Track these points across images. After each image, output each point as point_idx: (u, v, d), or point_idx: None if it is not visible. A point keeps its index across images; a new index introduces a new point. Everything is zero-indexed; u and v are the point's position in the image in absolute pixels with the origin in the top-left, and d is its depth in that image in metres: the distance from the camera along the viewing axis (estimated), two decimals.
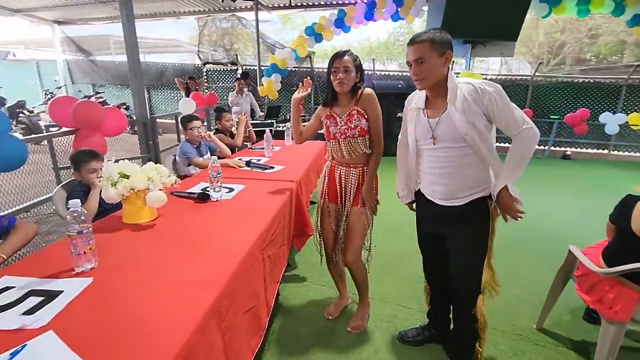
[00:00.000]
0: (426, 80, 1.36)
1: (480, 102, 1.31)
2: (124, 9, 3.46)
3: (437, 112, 1.40)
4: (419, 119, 1.47)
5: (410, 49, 1.36)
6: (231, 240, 1.38)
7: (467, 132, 1.32)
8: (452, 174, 1.42)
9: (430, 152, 1.45)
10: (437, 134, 1.40)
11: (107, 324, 0.88)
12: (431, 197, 1.52)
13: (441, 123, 1.38)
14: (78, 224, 1.10)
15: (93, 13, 8.73)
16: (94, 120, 2.55)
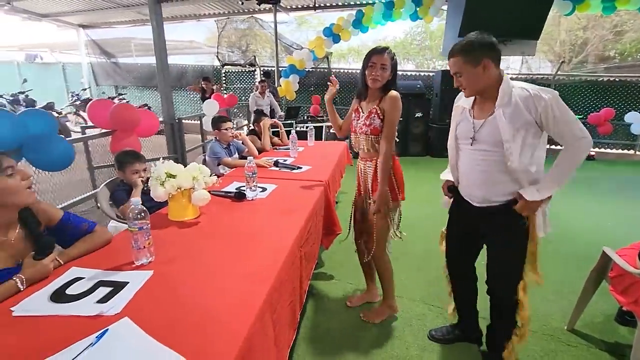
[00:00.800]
0: (468, 89, 1.39)
1: (534, 110, 1.27)
2: (154, 14, 3.59)
3: (483, 114, 1.40)
4: (464, 118, 1.48)
5: (449, 63, 1.40)
6: (273, 238, 1.45)
7: (508, 140, 1.30)
8: (487, 179, 1.42)
9: (468, 152, 1.47)
10: (478, 136, 1.40)
11: (175, 312, 0.95)
12: (468, 199, 1.54)
13: (485, 126, 1.38)
14: (139, 220, 1.17)
15: (116, 17, 9.00)
16: (130, 121, 2.66)
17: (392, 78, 1.79)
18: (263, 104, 6.45)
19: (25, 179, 1.13)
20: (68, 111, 8.57)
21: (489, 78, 1.34)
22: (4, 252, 1.11)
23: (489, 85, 1.36)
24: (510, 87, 1.32)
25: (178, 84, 9.79)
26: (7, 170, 1.08)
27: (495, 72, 1.34)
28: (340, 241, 2.19)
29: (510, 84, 1.33)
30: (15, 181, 1.10)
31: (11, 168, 1.09)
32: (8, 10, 7.71)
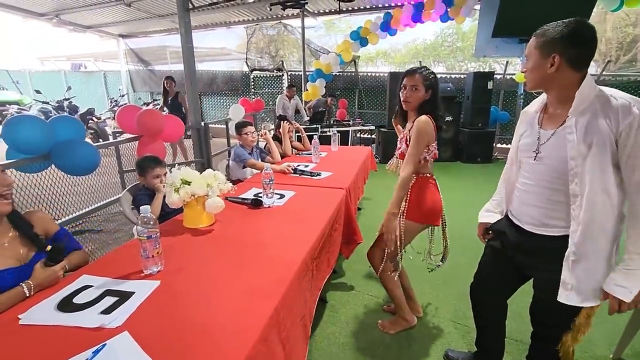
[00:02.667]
0: (528, 81, 1.16)
1: (615, 123, 1.00)
2: (182, 22, 3.68)
3: (554, 123, 1.15)
4: (531, 126, 1.23)
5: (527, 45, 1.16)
6: (286, 249, 1.39)
7: (574, 157, 1.05)
8: (550, 197, 1.16)
9: (530, 166, 1.21)
10: (543, 149, 1.16)
11: (174, 328, 0.91)
12: (518, 221, 1.28)
13: (553, 138, 1.13)
14: (147, 229, 1.16)
15: (152, 26, 9.42)
16: (155, 127, 2.72)
17: (431, 98, 1.68)
18: (289, 107, 6.63)
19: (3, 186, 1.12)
20: (107, 116, 9.05)
21: (560, 79, 1.08)
22: (2, 255, 1.13)
23: (558, 86, 1.11)
24: (591, 92, 1.05)
25: (209, 89, 10.08)
26: None
27: (571, 73, 1.06)
28: None
29: (593, 89, 1.06)
30: None
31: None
32: (56, 23, 8.28)
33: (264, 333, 0.91)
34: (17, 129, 1.79)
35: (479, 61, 11.08)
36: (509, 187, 1.37)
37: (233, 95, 9.96)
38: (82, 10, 7.57)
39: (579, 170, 1.05)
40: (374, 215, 3.81)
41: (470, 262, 1.66)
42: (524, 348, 1.78)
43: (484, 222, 1.49)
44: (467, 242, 1.64)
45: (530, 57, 1.12)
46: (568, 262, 1.10)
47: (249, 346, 0.84)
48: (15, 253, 1.17)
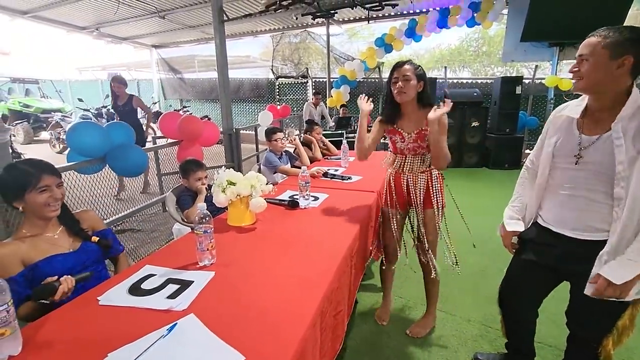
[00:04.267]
0: (583, 80, 1.13)
1: None
2: (218, 33, 3.88)
3: (597, 129, 1.15)
4: (568, 131, 1.23)
5: (583, 42, 1.14)
6: (327, 246, 1.47)
7: (622, 161, 1.07)
8: (591, 202, 1.17)
9: (568, 172, 1.22)
10: (585, 154, 1.16)
11: (235, 311, 1.01)
12: (556, 228, 1.27)
13: (599, 143, 1.14)
14: (203, 224, 1.27)
15: (183, 36, 9.86)
16: (195, 132, 2.89)
17: (424, 89, 1.74)
18: (315, 113, 6.79)
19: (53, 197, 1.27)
20: None
21: (618, 82, 1.09)
22: (53, 244, 1.29)
23: (612, 90, 1.11)
24: (639, 99, 1.09)
25: (235, 96, 10.41)
26: (42, 188, 1.24)
27: (628, 78, 1.08)
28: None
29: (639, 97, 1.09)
30: (42, 198, 1.24)
31: (47, 186, 1.25)
32: (96, 36, 8.84)
33: (314, 320, 1.00)
34: (79, 134, 1.98)
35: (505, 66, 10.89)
36: (539, 193, 1.35)
37: (259, 102, 10.24)
38: (120, 24, 8.04)
39: (625, 174, 1.07)
40: None
41: (499, 266, 1.69)
42: (557, 353, 1.79)
43: (514, 229, 1.43)
44: (495, 246, 1.66)
45: (594, 56, 1.09)
46: (601, 260, 1.13)
47: (303, 330, 0.93)
48: (65, 242, 1.33)
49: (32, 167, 1.26)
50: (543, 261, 1.34)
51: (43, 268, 1.19)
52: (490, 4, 5.78)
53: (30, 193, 1.23)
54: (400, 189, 1.89)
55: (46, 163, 1.33)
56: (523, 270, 1.45)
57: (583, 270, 1.18)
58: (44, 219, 1.29)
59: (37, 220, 1.28)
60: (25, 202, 1.23)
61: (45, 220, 1.29)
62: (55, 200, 1.28)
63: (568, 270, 1.28)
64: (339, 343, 1.38)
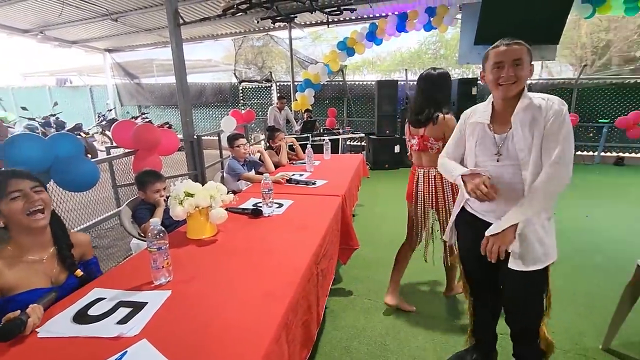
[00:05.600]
0: (518, 84, 1.25)
1: (545, 117, 1.23)
2: (174, 37, 3.73)
3: (505, 127, 1.31)
4: (484, 134, 1.37)
5: (506, 50, 1.25)
6: (290, 255, 1.44)
7: (522, 149, 1.26)
8: (510, 192, 1.31)
9: (493, 169, 1.35)
10: (503, 150, 1.31)
11: (192, 333, 0.95)
12: (484, 216, 1.42)
13: (509, 139, 1.30)
14: (157, 240, 1.20)
15: (139, 40, 9.43)
16: (151, 141, 2.75)
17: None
18: (280, 117, 6.73)
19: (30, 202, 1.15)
20: (95, 131, 8.97)
21: (524, 85, 1.27)
22: (37, 271, 1.17)
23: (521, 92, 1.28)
24: (528, 96, 1.28)
25: (197, 102, 10.11)
26: (12, 194, 1.13)
27: None
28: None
29: (528, 95, 1.29)
30: (17, 205, 1.13)
31: (18, 191, 1.14)
32: (41, 39, 8.22)
33: (277, 333, 0.96)
34: (18, 146, 1.81)
35: (462, 68, 11.40)
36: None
37: (222, 107, 10.01)
38: (68, 26, 7.55)
39: (527, 159, 1.26)
40: (368, 221, 3.89)
41: None
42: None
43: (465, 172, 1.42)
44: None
45: (524, 62, 1.24)
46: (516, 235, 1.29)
47: (265, 345, 0.89)
48: (49, 272, 1.21)
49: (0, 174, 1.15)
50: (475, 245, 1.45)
51: (20, 302, 1.05)
52: (445, 9, 6.03)
53: (2, 202, 1.11)
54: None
55: (16, 169, 1.20)
56: (470, 259, 1.59)
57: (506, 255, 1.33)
58: (32, 234, 1.17)
59: (25, 236, 1.17)
60: (3, 215, 1.12)
61: (33, 236, 1.18)
62: (34, 205, 1.15)
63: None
64: (307, 352, 1.36)
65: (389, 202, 4.62)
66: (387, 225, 3.73)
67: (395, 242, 3.28)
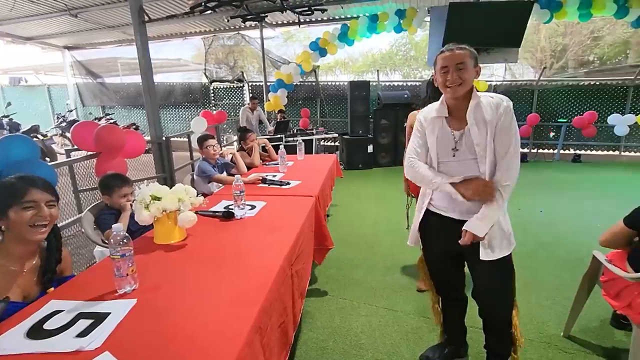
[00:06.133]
0: (463, 86, 1.34)
1: (496, 113, 1.33)
2: (138, 35, 3.59)
3: (461, 124, 1.40)
4: (442, 131, 1.44)
5: (450, 55, 1.34)
6: (262, 257, 1.41)
7: (479, 143, 1.34)
8: None
9: (451, 164, 1.43)
10: (459, 146, 1.39)
11: (159, 343, 0.91)
12: (447, 213, 1.48)
13: (465, 136, 1.38)
14: (121, 247, 1.14)
15: (101, 37, 9.00)
16: (115, 143, 2.62)
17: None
18: (252, 118, 6.63)
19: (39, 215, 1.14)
20: (54, 133, 8.47)
21: (472, 84, 1.38)
22: (14, 283, 1.12)
23: (470, 91, 1.38)
24: (478, 96, 1.38)
25: (166, 102, 9.79)
26: (27, 204, 1.12)
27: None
28: None
29: (477, 94, 1.38)
30: (27, 216, 1.11)
31: (33, 202, 1.12)
32: None
33: (249, 338, 0.94)
34: None
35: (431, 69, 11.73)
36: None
37: (193, 107, 9.75)
38: (22, 22, 7.08)
39: (484, 153, 1.35)
40: (342, 221, 3.91)
41: None
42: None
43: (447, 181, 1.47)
44: None
45: (467, 65, 1.33)
46: None
47: (237, 350, 0.86)
48: (26, 285, 1.16)
49: (21, 180, 1.12)
50: (441, 245, 1.56)
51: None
52: (414, 12, 6.18)
53: (14, 209, 1.07)
54: None
55: (39, 177, 1.16)
56: (436, 260, 1.66)
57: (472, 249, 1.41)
58: (26, 243, 1.12)
59: (15, 245, 1.12)
60: (9, 220, 1.08)
61: (26, 246, 1.13)
62: (42, 220, 1.12)
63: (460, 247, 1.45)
64: (285, 354, 1.34)
65: (363, 201, 4.67)
66: (361, 225, 3.76)
67: (369, 241, 3.34)
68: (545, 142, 7.87)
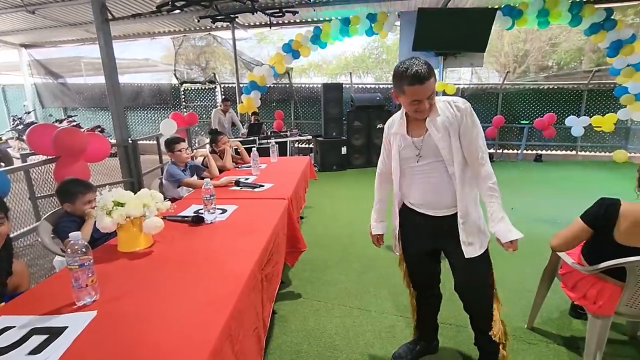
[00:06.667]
0: (429, 110, 1.37)
1: (454, 115, 1.38)
2: (102, 33, 3.45)
3: (420, 131, 1.44)
4: (403, 140, 1.49)
5: (421, 88, 1.30)
6: (232, 262, 1.39)
7: (443, 147, 1.39)
8: (439, 186, 1.45)
9: (416, 169, 1.49)
10: (422, 152, 1.44)
11: (120, 355, 0.87)
12: (422, 209, 1.53)
13: (426, 141, 1.42)
14: (79, 256, 1.08)
15: (62, 35, 8.54)
16: (76, 147, 2.49)
17: None
18: (225, 120, 6.51)
19: None
20: (9, 137, 7.95)
21: None
22: None
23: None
24: (439, 102, 1.41)
25: (133, 103, 9.43)
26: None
27: None
28: None
29: (438, 100, 1.42)
30: None
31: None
32: None
33: (217, 346, 0.91)
34: None
35: None
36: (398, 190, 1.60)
37: (162, 109, 9.44)
38: None
39: (450, 156, 1.40)
40: (317, 223, 3.91)
41: None
42: (456, 329, 2.00)
43: (377, 233, 1.76)
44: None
45: (432, 92, 1.35)
46: (460, 225, 1.44)
47: (204, 358, 0.84)
48: None
49: None
50: (423, 245, 1.60)
51: None
52: (385, 16, 6.30)
53: None
54: None
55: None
56: (414, 257, 1.68)
57: (449, 242, 1.49)
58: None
59: None
60: None
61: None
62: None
63: (439, 244, 1.56)
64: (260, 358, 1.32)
65: (338, 202, 4.69)
66: (335, 226, 3.78)
67: (343, 242, 3.36)
68: (510, 142, 8.25)
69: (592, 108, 7.68)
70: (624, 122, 7.12)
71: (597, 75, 7.59)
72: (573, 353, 1.85)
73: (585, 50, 10.35)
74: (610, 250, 1.55)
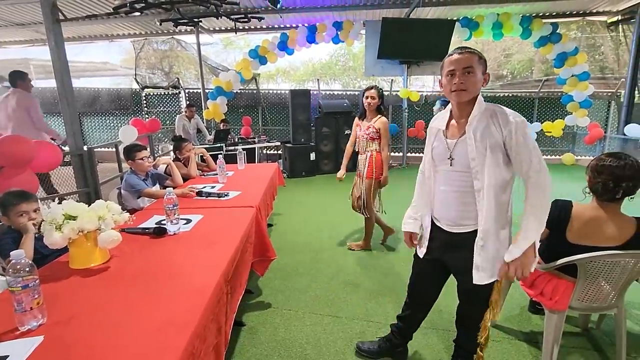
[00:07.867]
0: (468, 92, 1.26)
1: (500, 129, 1.24)
2: (52, 34, 3.23)
3: (458, 133, 1.34)
4: (438, 138, 1.41)
5: (458, 58, 1.25)
6: (196, 275, 1.33)
7: (474, 158, 1.27)
8: (460, 199, 1.35)
9: (446, 173, 1.39)
10: (454, 155, 1.33)
11: None
12: (439, 223, 1.46)
13: (459, 144, 1.32)
14: (22, 277, 0.98)
15: (8, 36, 7.94)
16: (22, 156, 2.30)
17: (381, 103, 2.99)
18: (190, 126, 6.32)
19: None
20: None
21: (477, 93, 1.30)
22: None
23: (475, 98, 1.31)
24: (482, 106, 1.30)
25: (90, 109, 8.92)
26: None
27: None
28: None
29: (483, 104, 1.31)
30: None
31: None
32: None
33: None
34: None
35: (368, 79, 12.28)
36: (429, 195, 1.50)
37: (122, 115, 8.99)
38: None
39: (478, 168, 1.27)
40: (286, 230, 3.87)
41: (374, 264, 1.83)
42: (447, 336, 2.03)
43: (409, 230, 1.62)
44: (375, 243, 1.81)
45: (475, 70, 1.25)
46: (477, 247, 1.33)
47: None
48: None
49: None
50: (430, 255, 1.52)
51: None
52: (350, 24, 6.43)
53: None
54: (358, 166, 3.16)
55: None
56: (423, 268, 1.61)
57: (455, 255, 1.41)
58: None
59: None
60: None
61: None
62: None
63: (447, 258, 1.47)
64: None
65: (307, 209, 4.67)
66: (305, 232, 3.76)
67: (314, 248, 3.34)
68: None
69: (543, 114, 8.23)
70: (571, 128, 7.69)
71: (547, 84, 8.16)
72: (533, 348, 1.94)
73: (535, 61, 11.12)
74: (564, 249, 1.65)
